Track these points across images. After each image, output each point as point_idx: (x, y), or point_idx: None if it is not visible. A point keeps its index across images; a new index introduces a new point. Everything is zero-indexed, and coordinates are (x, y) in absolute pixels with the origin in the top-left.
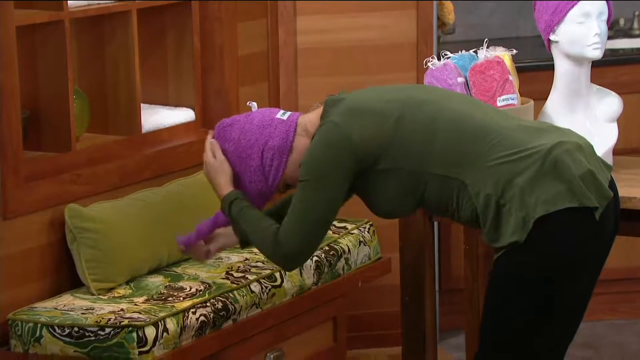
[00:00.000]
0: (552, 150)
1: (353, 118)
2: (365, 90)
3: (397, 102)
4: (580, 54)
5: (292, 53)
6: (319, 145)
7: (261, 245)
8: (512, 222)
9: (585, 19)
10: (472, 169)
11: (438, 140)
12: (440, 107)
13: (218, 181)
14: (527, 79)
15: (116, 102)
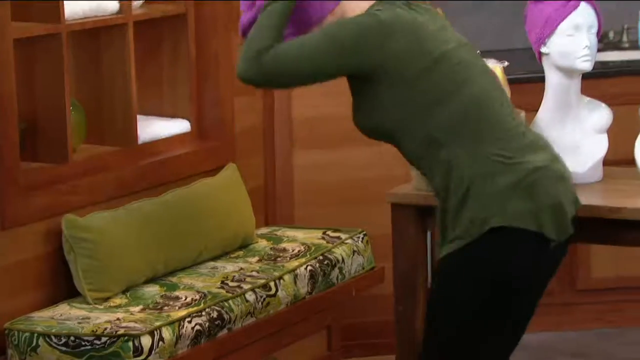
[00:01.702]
0: (537, 171)
1: (397, 25)
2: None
3: (444, 44)
4: (570, 66)
5: None
6: (354, 19)
7: (251, 40)
8: (470, 217)
9: (576, 31)
10: (466, 146)
11: (454, 103)
12: (473, 76)
13: None
14: (519, 91)
15: (112, 114)
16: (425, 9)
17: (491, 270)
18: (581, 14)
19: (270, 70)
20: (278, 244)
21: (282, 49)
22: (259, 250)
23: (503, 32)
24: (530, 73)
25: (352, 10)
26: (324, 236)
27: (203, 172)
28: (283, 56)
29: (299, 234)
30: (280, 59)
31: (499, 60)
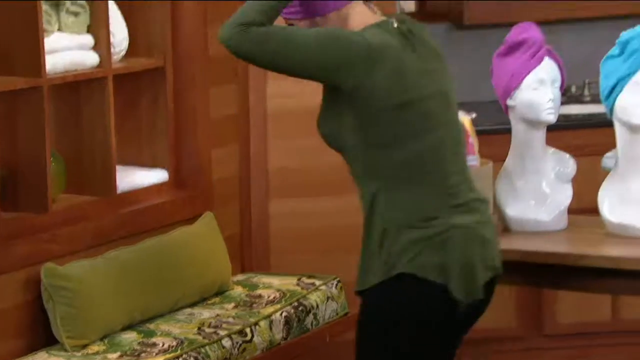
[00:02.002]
0: (455, 229)
1: (383, 59)
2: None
3: (418, 90)
4: (536, 118)
5: (262, 116)
6: (349, 37)
7: (245, 12)
8: (384, 259)
9: (540, 85)
10: (398, 192)
11: (400, 152)
12: (430, 131)
13: None
14: (487, 142)
15: (92, 164)
16: (423, 41)
17: (399, 312)
18: (545, 68)
19: (253, 46)
20: (254, 290)
21: (274, 31)
22: (235, 296)
23: (470, 85)
24: (498, 124)
25: (355, 20)
26: (298, 283)
27: (181, 220)
28: (272, 39)
29: (274, 281)
30: (268, 39)
31: (467, 112)
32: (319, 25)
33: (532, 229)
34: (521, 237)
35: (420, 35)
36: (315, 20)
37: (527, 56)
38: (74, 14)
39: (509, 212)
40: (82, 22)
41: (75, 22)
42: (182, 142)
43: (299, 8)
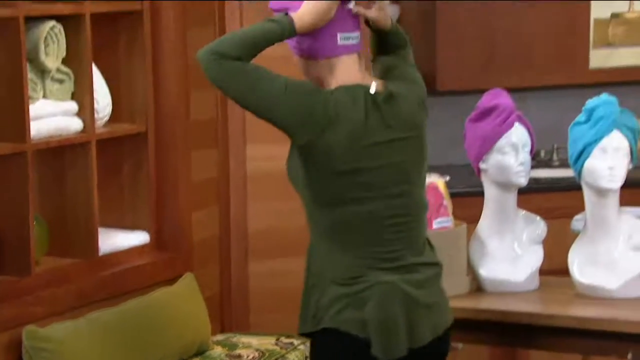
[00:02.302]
0: (379, 285)
1: (340, 122)
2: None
3: (365, 160)
4: (507, 181)
5: (242, 179)
6: (316, 94)
7: (227, 40)
8: (313, 311)
9: (511, 149)
10: (331, 248)
11: (338, 214)
12: (369, 200)
13: None
14: (460, 204)
15: (75, 227)
16: (398, 112)
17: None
18: (516, 133)
19: (224, 78)
20: (233, 350)
21: (245, 70)
22: (215, 357)
23: (444, 149)
24: (471, 187)
25: (339, 74)
26: (277, 342)
27: (161, 281)
28: (242, 77)
29: (253, 341)
30: (238, 76)
31: (441, 175)
32: (309, 66)
33: (505, 290)
34: (494, 297)
35: (398, 105)
36: (307, 61)
37: (498, 121)
38: (59, 81)
39: (483, 272)
40: (66, 89)
41: (60, 89)
42: (164, 205)
43: (296, 44)
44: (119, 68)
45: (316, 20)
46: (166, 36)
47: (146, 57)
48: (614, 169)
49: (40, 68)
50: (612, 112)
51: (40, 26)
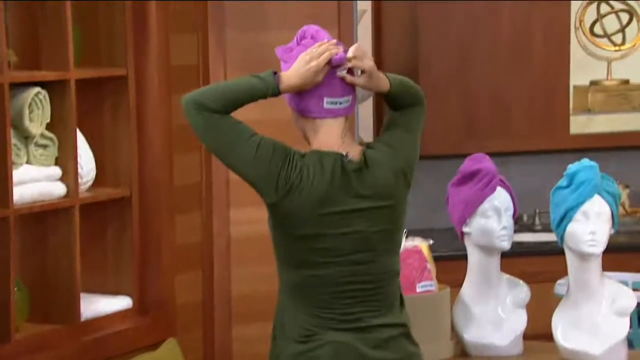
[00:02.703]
0: (330, 344)
1: (301, 188)
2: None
3: (325, 228)
4: (490, 244)
5: (226, 242)
6: (283, 149)
7: (212, 91)
8: None
9: (494, 213)
10: (290, 303)
11: (295, 274)
12: (325, 264)
13: None
14: (444, 268)
15: (56, 293)
16: (371, 181)
17: None
18: (498, 197)
19: (202, 128)
20: None
21: (223, 125)
22: None
23: (427, 213)
24: (454, 251)
25: (320, 136)
26: None
27: (144, 347)
28: (219, 132)
29: None
30: (215, 130)
31: (424, 239)
32: (297, 119)
33: (489, 354)
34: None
35: (371, 174)
36: (295, 115)
37: (480, 185)
38: (43, 146)
39: (466, 336)
40: (50, 154)
41: (44, 154)
42: (147, 269)
43: (288, 97)
44: (103, 133)
45: (302, 83)
46: (151, 101)
47: (131, 122)
48: (595, 234)
49: (24, 134)
50: (594, 177)
51: (25, 92)
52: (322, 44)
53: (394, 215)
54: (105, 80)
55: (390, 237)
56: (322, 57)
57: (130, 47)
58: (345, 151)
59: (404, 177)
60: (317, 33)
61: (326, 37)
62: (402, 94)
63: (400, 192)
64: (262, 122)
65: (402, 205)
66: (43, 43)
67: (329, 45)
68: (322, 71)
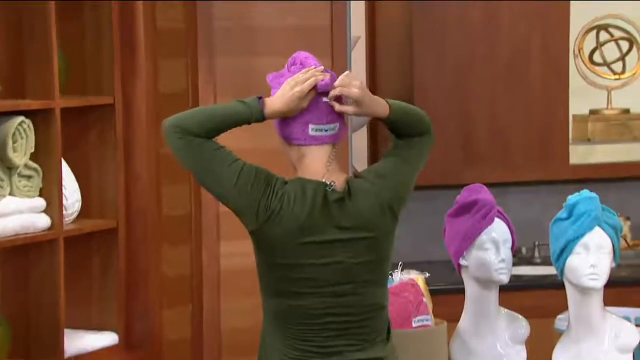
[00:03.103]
0: None
1: (281, 216)
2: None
3: (302, 257)
4: (488, 277)
5: (215, 276)
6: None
7: (196, 115)
8: None
9: (492, 245)
10: (270, 330)
11: (274, 303)
12: (301, 295)
13: None
14: (440, 302)
15: (39, 328)
16: (354, 211)
17: None
18: (496, 229)
19: (182, 152)
20: None
21: (203, 149)
22: None
23: (423, 245)
24: (451, 284)
25: (306, 164)
26: None
27: None
28: (199, 156)
29: None
30: (195, 154)
31: (420, 272)
32: (284, 146)
33: None
34: None
35: (354, 205)
36: (282, 142)
37: (478, 217)
38: (27, 177)
39: None
40: (34, 185)
41: (28, 185)
42: (133, 304)
43: (276, 124)
44: (89, 162)
45: (286, 109)
46: (138, 130)
47: (117, 151)
48: (596, 267)
49: (7, 164)
50: (594, 208)
51: (9, 122)
52: (309, 69)
53: (377, 247)
54: (91, 109)
55: (374, 269)
56: (306, 82)
57: (117, 73)
58: (329, 180)
59: (390, 209)
60: (306, 59)
61: (314, 64)
62: (405, 121)
63: (385, 224)
64: (254, 150)
65: (388, 238)
66: (27, 70)
67: (316, 72)
68: (307, 97)
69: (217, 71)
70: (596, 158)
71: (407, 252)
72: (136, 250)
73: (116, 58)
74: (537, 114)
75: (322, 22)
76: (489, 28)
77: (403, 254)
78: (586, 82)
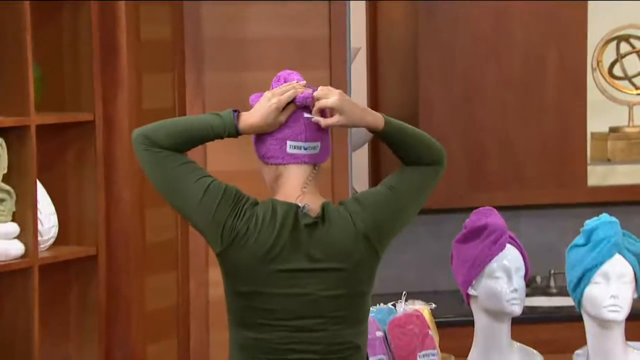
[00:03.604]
0: None
1: (249, 238)
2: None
3: (265, 286)
4: (499, 309)
5: (204, 306)
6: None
7: (163, 126)
8: None
9: (504, 273)
10: None
11: (241, 333)
12: (264, 327)
13: None
14: (448, 335)
15: None
16: (326, 239)
17: None
18: (508, 256)
19: (147, 164)
20: None
21: (169, 162)
22: None
23: (428, 273)
24: (459, 316)
25: (282, 184)
26: None
27: None
28: (164, 170)
29: None
30: (160, 168)
31: (426, 302)
32: (262, 167)
33: None
34: None
35: (328, 233)
36: (260, 162)
37: (488, 242)
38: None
39: None
40: (7, 209)
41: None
42: (114, 338)
43: (254, 141)
44: (66, 184)
45: (262, 123)
46: (120, 149)
47: (97, 172)
48: (617, 298)
49: None
50: (614, 234)
51: None
52: (290, 83)
53: (350, 281)
54: (69, 126)
55: (347, 305)
56: (285, 94)
57: (97, 88)
58: (303, 203)
59: (366, 241)
60: (289, 75)
61: (298, 79)
62: (402, 140)
63: (361, 257)
64: (240, 173)
65: (362, 271)
66: (0, 85)
67: (296, 85)
68: (286, 111)
69: (205, 86)
70: (616, 179)
71: (411, 281)
72: (117, 280)
73: (96, 71)
74: (552, 131)
75: (319, 32)
76: (500, 36)
77: (407, 282)
78: (605, 97)
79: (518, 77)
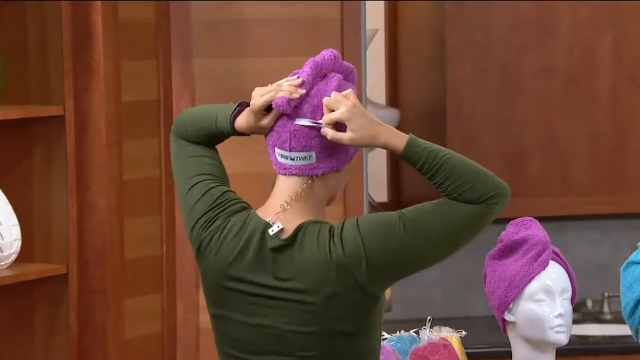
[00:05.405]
0: None
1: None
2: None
3: (238, 314)
4: (541, 338)
5: (193, 332)
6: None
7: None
8: None
9: (546, 296)
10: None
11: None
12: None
13: None
14: None
15: None
16: (300, 262)
17: None
18: (551, 275)
19: (171, 151)
20: None
21: (181, 152)
22: None
23: (458, 296)
24: (494, 346)
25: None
26: None
27: None
28: (174, 158)
29: None
30: (173, 155)
31: (454, 330)
32: None
33: None
34: None
35: (295, 258)
36: None
37: (528, 259)
38: None
39: None
40: None
41: None
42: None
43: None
44: (32, 190)
45: (243, 125)
46: (95, 148)
47: (68, 176)
48: None
49: None
50: None
51: None
52: (288, 79)
53: (321, 317)
54: (35, 122)
55: (321, 345)
56: (264, 97)
57: (68, 78)
58: (278, 221)
59: (344, 273)
60: (307, 64)
61: (299, 74)
62: (429, 169)
63: (334, 290)
64: (244, 175)
65: (340, 307)
66: None
67: (284, 85)
68: (270, 115)
69: (194, 75)
70: None
71: (438, 305)
72: (91, 303)
73: (66, 57)
74: (604, 128)
75: (329, 12)
76: (543, 18)
77: (434, 306)
78: None
79: (565, 64)
